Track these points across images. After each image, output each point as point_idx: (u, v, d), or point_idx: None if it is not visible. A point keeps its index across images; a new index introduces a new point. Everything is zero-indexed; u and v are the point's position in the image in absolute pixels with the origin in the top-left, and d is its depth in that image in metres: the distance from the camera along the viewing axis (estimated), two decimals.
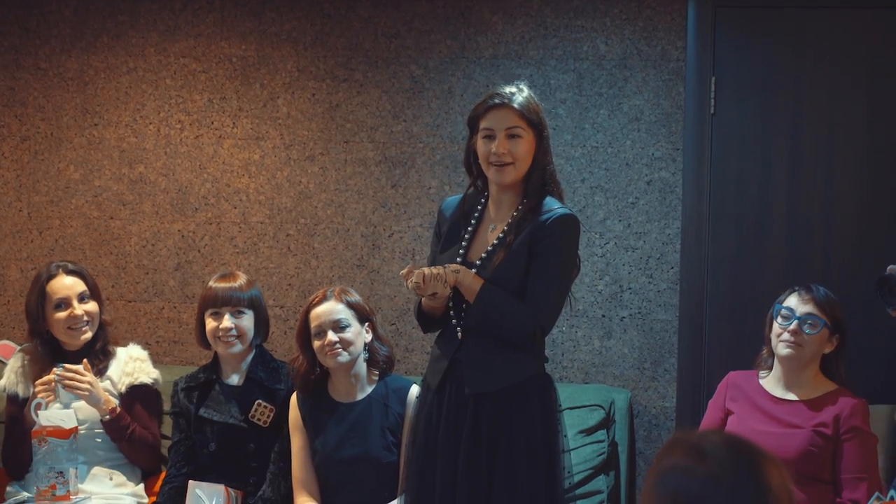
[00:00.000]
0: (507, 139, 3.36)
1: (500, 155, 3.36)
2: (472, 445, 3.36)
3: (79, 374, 4.10)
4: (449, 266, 3.35)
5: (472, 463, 3.36)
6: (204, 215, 5.04)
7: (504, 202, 3.47)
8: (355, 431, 3.93)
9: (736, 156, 4.65)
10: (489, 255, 3.41)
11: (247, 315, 4.16)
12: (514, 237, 3.38)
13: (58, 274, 4.26)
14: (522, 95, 3.41)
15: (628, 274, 4.77)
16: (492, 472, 3.35)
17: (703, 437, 1.91)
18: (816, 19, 4.61)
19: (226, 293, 4.14)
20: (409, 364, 4.88)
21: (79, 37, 5.10)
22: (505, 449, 3.35)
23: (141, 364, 4.33)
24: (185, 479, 4.10)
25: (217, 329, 4.11)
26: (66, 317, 4.21)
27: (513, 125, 3.37)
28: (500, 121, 3.37)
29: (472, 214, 3.52)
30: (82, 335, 4.24)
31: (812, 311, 3.79)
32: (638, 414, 4.76)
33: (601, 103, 4.78)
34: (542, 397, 3.41)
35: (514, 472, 3.34)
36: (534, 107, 3.41)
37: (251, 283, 4.23)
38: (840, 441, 3.73)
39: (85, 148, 5.11)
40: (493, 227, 3.47)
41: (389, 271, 4.92)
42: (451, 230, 3.54)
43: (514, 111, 3.37)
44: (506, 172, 3.38)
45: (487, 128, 3.39)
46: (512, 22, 4.82)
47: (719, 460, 1.86)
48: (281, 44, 4.98)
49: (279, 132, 4.99)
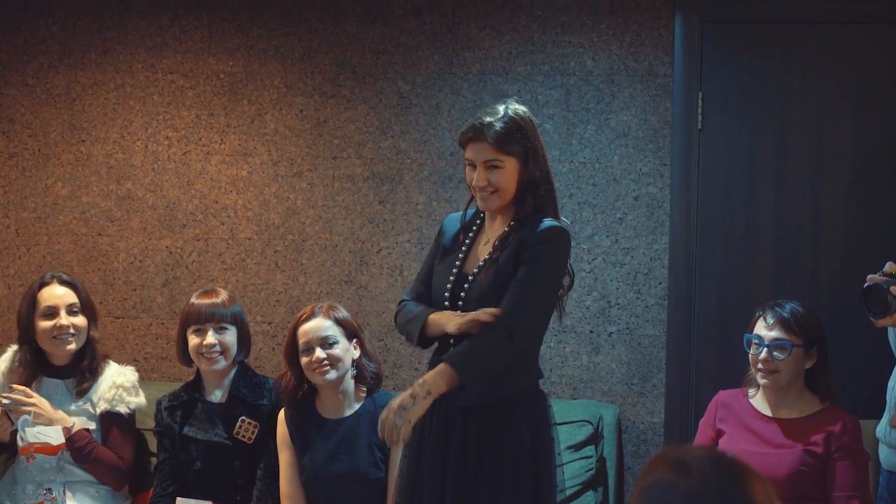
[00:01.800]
0: (487, 170, 3.36)
1: (482, 188, 3.37)
2: (460, 458, 3.35)
3: (25, 397, 4.10)
4: (406, 400, 3.26)
5: (460, 475, 3.35)
6: (192, 231, 5.04)
7: (497, 219, 3.49)
8: (343, 447, 3.92)
9: (723, 171, 4.66)
10: (479, 271, 3.41)
11: (230, 331, 4.14)
12: (500, 253, 3.38)
13: (51, 283, 4.27)
14: (502, 123, 3.35)
15: (616, 289, 4.77)
16: (478, 485, 3.34)
17: (688, 452, 1.90)
18: (803, 35, 4.62)
19: (209, 309, 4.12)
20: (397, 380, 4.87)
21: (66, 53, 5.10)
22: (491, 462, 3.34)
23: (123, 394, 4.28)
24: (171, 498, 4.09)
25: (200, 346, 4.10)
26: (51, 326, 4.21)
27: (489, 158, 3.35)
28: (477, 153, 3.36)
29: (471, 228, 3.54)
30: (66, 346, 4.23)
31: (778, 335, 3.75)
32: (626, 429, 4.76)
33: (588, 119, 4.78)
34: (530, 412, 3.39)
35: (500, 485, 3.33)
36: (513, 133, 3.35)
37: (233, 299, 4.22)
38: (831, 460, 3.71)
39: (72, 164, 5.10)
40: (486, 241, 3.48)
41: (377, 287, 4.92)
42: (451, 242, 3.55)
43: (488, 145, 3.34)
44: (490, 201, 3.40)
45: (469, 158, 3.40)
46: (499, 38, 4.83)
47: (703, 475, 1.85)
48: (268, 60, 4.98)
49: (267, 148, 4.99)
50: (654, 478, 1.89)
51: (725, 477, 1.86)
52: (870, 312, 3.48)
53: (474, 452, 3.35)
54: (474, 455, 3.35)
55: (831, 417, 3.77)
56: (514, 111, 3.39)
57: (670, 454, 1.92)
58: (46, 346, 4.25)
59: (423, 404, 3.23)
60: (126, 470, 4.30)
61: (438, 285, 3.48)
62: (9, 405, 4.11)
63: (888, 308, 3.43)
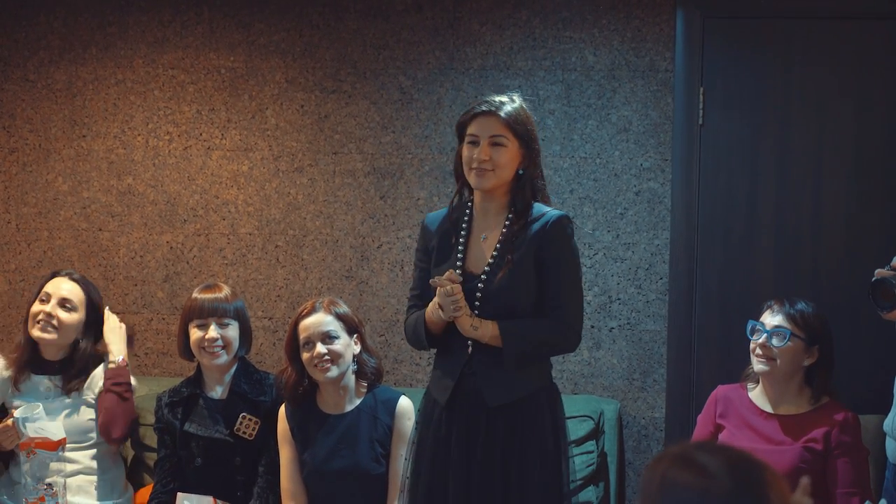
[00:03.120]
0: (491, 146, 3.37)
1: (482, 161, 3.37)
2: (487, 458, 3.36)
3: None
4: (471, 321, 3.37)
5: (487, 475, 3.36)
6: (192, 227, 5.04)
7: (490, 210, 3.47)
8: (344, 443, 3.92)
9: (724, 166, 4.65)
10: (492, 270, 3.40)
11: (232, 326, 4.13)
12: (513, 253, 3.38)
13: (60, 276, 4.25)
14: (512, 106, 3.42)
15: (617, 285, 4.77)
16: (506, 482, 3.36)
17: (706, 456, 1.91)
18: (804, 30, 4.62)
19: (211, 304, 4.11)
20: (397, 375, 4.87)
21: (67, 48, 5.10)
22: (519, 458, 3.35)
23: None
24: (171, 494, 4.08)
25: (203, 339, 4.09)
26: (38, 311, 4.19)
27: (497, 133, 3.38)
28: (485, 128, 3.39)
29: (461, 225, 3.51)
30: (46, 335, 4.18)
31: (779, 323, 3.76)
32: (627, 424, 4.76)
33: (590, 114, 4.78)
34: (552, 406, 3.44)
35: (528, 478, 3.35)
36: (522, 118, 3.42)
37: (235, 294, 4.21)
38: (831, 457, 3.71)
39: (73, 159, 5.10)
40: (483, 236, 3.46)
41: (378, 282, 4.91)
42: (442, 242, 3.52)
43: (499, 119, 3.38)
44: (486, 178, 3.39)
45: (473, 134, 3.41)
46: (500, 33, 4.83)
47: (722, 481, 1.88)
48: (269, 55, 4.98)
49: (268, 143, 4.98)
50: (674, 477, 1.90)
51: (745, 485, 1.88)
52: (878, 306, 3.49)
53: (501, 450, 3.37)
54: (501, 452, 3.37)
55: (831, 413, 3.76)
56: (521, 101, 3.47)
57: (688, 457, 1.93)
58: (31, 332, 4.22)
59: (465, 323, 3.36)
60: (135, 420, 4.34)
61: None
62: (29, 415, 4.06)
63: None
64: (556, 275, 3.39)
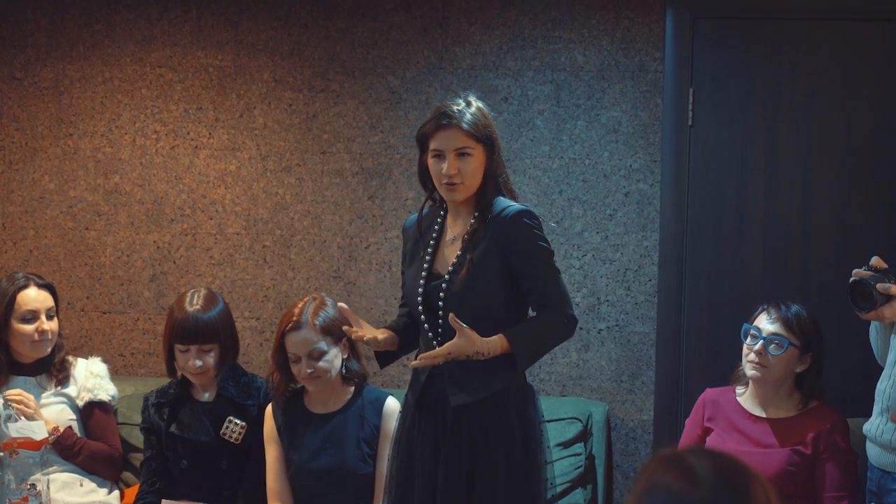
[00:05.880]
0: (457, 158, 3.34)
1: (451, 176, 3.34)
2: (452, 456, 3.35)
3: (25, 401, 4.08)
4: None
5: (452, 473, 3.35)
6: (180, 226, 5.01)
7: (461, 212, 3.46)
8: (331, 442, 3.91)
9: (714, 167, 4.64)
10: (455, 270, 3.39)
11: (213, 351, 4.07)
12: (472, 252, 3.37)
13: (29, 285, 4.21)
14: (470, 112, 3.38)
15: (606, 286, 4.76)
16: (472, 482, 3.34)
17: (696, 460, 1.91)
18: (794, 30, 4.61)
19: (192, 331, 4.01)
20: (384, 376, 4.85)
21: (54, 46, 5.07)
22: (484, 458, 3.34)
23: (100, 381, 4.30)
24: (157, 495, 4.06)
25: (186, 364, 4.06)
26: (32, 330, 4.17)
27: (461, 145, 3.34)
28: (448, 141, 3.35)
29: (433, 227, 3.51)
30: (44, 350, 4.22)
31: (778, 331, 3.76)
32: (615, 427, 4.74)
33: (579, 114, 4.77)
34: (520, 406, 3.40)
35: (493, 481, 3.33)
36: (482, 122, 3.38)
37: (215, 301, 4.10)
38: (820, 460, 3.71)
39: (60, 158, 5.08)
40: (453, 238, 3.46)
41: (366, 283, 4.89)
42: (414, 246, 3.53)
43: (461, 131, 3.34)
44: (457, 191, 3.37)
45: (436, 149, 3.37)
46: (490, 33, 4.81)
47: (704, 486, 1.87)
48: (257, 54, 4.96)
49: (255, 143, 4.96)
50: (660, 481, 1.90)
51: (726, 490, 1.88)
52: (856, 307, 3.51)
53: (466, 448, 3.35)
54: (466, 450, 3.35)
55: (819, 417, 3.76)
56: (477, 103, 3.43)
57: (677, 459, 1.92)
58: (23, 349, 4.20)
59: (474, 355, 3.28)
60: (119, 457, 4.31)
61: (410, 289, 3.48)
62: (12, 414, 4.06)
63: (874, 302, 3.46)
64: (532, 270, 3.36)
